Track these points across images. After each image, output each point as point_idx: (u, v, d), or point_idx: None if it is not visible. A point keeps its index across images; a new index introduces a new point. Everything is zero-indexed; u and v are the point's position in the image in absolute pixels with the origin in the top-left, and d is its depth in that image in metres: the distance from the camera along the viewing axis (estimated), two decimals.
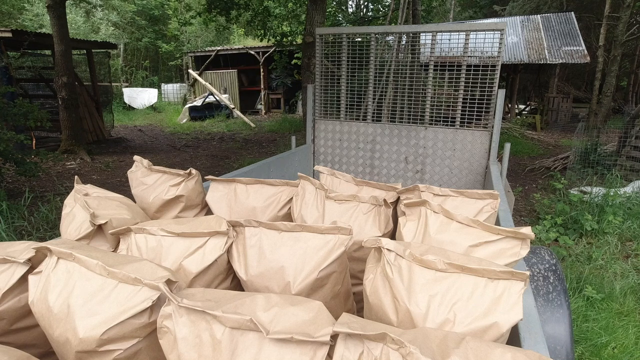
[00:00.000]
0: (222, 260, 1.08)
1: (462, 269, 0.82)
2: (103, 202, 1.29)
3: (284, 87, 16.48)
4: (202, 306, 0.72)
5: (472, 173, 3.02)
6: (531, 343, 0.85)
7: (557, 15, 13.89)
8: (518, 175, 7.29)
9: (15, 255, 0.95)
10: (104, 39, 19.02)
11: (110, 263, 0.85)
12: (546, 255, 1.92)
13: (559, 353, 1.59)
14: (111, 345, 0.78)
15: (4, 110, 4.92)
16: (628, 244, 4.07)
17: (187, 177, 1.55)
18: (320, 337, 0.66)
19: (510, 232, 1.03)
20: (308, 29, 6.16)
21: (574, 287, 3.18)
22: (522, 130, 11.69)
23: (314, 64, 4.60)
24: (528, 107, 16.75)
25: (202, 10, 9.44)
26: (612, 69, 10.49)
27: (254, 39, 15.23)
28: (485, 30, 2.82)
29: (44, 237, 3.87)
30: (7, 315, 0.92)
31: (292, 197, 1.55)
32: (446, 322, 0.78)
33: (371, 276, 0.93)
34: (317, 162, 3.60)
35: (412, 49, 3.50)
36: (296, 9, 11.29)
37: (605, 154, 7.06)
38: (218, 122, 13.63)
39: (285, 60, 12.88)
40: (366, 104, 3.40)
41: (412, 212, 1.23)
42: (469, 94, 2.99)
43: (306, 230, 1.04)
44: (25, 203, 4.45)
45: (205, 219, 1.14)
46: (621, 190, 5.21)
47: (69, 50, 7.35)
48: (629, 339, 2.64)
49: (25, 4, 18.87)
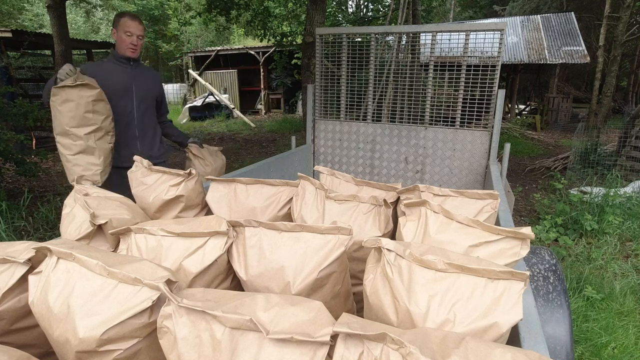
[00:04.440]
0: (222, 260, 1.08)
1: (462, 269, 0.82)
2: (103, 202, 1.29)
3: (284, 87, 16.47)
4: (202, 306, 0.72)
5: (472, 173, 3.02)
6: (531, 343, 0.85)
7: (557, 15, 13.90)
8: (518, 175, 7.29)
9: (15, 255, 0.95)
10: (104, 39, 19.02)
11: (110, 263, 0.85)
12: (546, 256, 1.92)
13: (559, 353, 1.59)
14: (111, 345, 0.78)
15: (4, 110, 4.91)
16: (628, 244, 4.07)
17: (187, 177, 1.55)
18: (320, 337, 0.66)
19: (510, 232, 1.03)
20: (308, 29, 6.16)
21: (574, 287, 3.18)
22: (522, 130, 11.70)
23: (314, 64, 4.60)
24: (528, 107, 16.75)
25: (202, 10, 9.44)
26: (612, 69, 10.49)
27: (254, 39, 15.22)
28: (485, 31, 2.82)
29: (44, 237, 3.87)
30: (7, 315, 0.92)
31: (292, 197, 1.55)
32: (446, 322, 0.78)
33: (371, 276, 0.93)
34: (317, 162, 3.60)
35: (412, 49, 3.50)
36: (296, 9, 11.29)
37: (605, 154, 7.06)
38: (218, 122, 13.62)
39: (285, 60, 12.89)
40: (366, 104, 3.40)
41: (412, 212, 1.23)
42: (469, 94, 2.99)
43: (306, 230, 1.04)
44: (25, 203, 4.45)
45: (205, 219, 1.14)
46: (621, 190, 5.21)
47: (69, 50, 7.34)
48: (629, 339, 2.64)
49: (25, 4, 18.87)
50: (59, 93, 1.93)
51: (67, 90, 1.93)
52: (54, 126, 1.99)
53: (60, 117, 1.95)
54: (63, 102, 1.94)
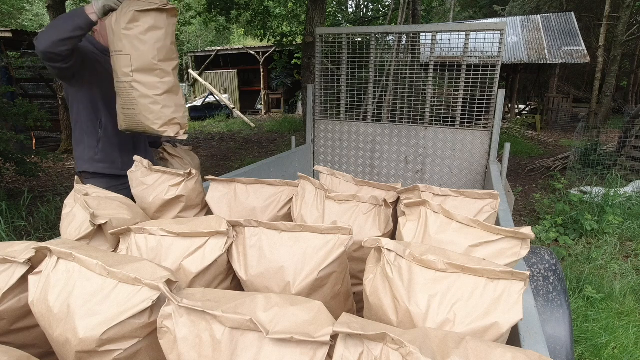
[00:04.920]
0: (222, 261, 1.08)
1: (462, 269, 0.82)
2: (103, 202, 1.29)
3: (284, 87, 16.48)
4: (202, 306, 0.72)
5: (472, 173, 3.02)
6: (531, 343, 0.85)
7: (557, 15, 13.90)
8: (518, 175, 7.29)
9: (15, 255, 0.95)
10: None
11: (110, 263, 0.85)
12: (546, 255, 1.92)
13: (559, 353, 1.59)
14: (111, 345, 0.78)
15: (4, 110, 4.92)
16: (628, 244, 4.07)
17: (187, 177, 1.55)
18: (320, 337, 0.66)
19: (510, 232, 1.03)
20: (308, 29, 6.16)
21: (574, 287, 3.18)
22: (522, 130, 11.70)
23: (314, 64, 4.60)
24: (528, 107, 16.75)
25: (202, 10, 9.44)
26: (612, 69, 10.50)
27: (254, 39, 15.23)
28: (485, 30, 2.82)
29: (44, 237, 3.87)
30: (7, 315, 0.92)
31: (292, 197, 1.55)
32: (446, 322, 0.78)
33: (371, 276, 0.93)
34: (317, 162, 3.60)
35: (412, 49, 3.50)
36: (296, 9, 11.29)
37: (605, 154, 7.06)
38: (218, 122, 13.63)
39: (285, 60, 12.88)
40: (366, 104, 3.40)
41: (412, 212, 1.23)
42: (469, 94, 2.99)
43: (306, 230, 1.04)
44: (25, 203, 4.45)
45: (205, 219, 1.14)
46: (621, 190, 5.21)
47: None
48: (629, 339, 2.64)
49: (25, 4, 18.87)
50: (142, 18, 1.59)
51: (154, 15, 1.61)
52: (128, 62, 1.62)
53: (145, 48, 1.61)
54: (148, 30, 1.60)
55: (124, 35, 1.60)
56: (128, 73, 1.64)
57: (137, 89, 1.65)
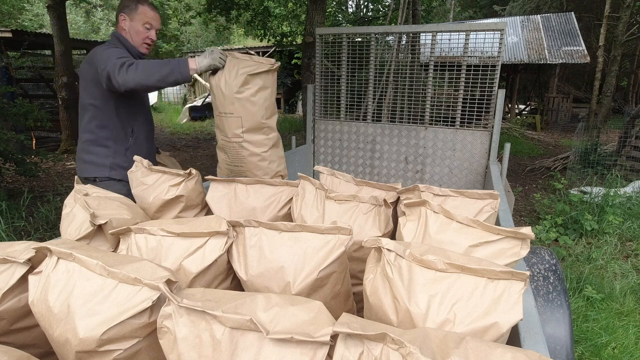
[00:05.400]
0: (222, 261, 1.08)
1: (462, 269, 0.82)
2: (103, 202, 1.29)
3: (284, 87, 16.47)
4: (202, 306, 0.72)
5: (472, 173, 3.02)
6: (531, 343, 0.85)
7: (557, 15, 13.90)
8: (518, 175, 7.29)
9: (15, 255, 0.95)
10: (104, 39, 19.01)
11: (110, 263, 0.85)
12: (546, 255, 1.92)
13: (559, 353, 1.59)
14: (111, 345, 0.78)
15: (4, 110, 4.92)
16: (628, 244, 4.07)
17: (187, 177, 1.55)
18: (320, 337, 0.66)
19: (510, 232, 1.03)
20: (308, 29, 6.16)
21: (574, 287, 3.18)
22: (522, 130, 11.70)
23: (314, 64, 4.60)
24: (528, 107, 16.75)
25: (202, 10, 9.44)
26: (612, 69, 10.50)
27: (254, 39, 15.22)
28: (485, 30, 2.82)
29: (44, 237, 3.87)
30: (7, 315, 0.92)
31: (292, 197, 1.55)
32: (446, 322, 0.78)
33: (371, 276, 0.93)
34: (317, 162, 3.60)
35: (412, 49, 3.50)
36: (296, 9, 11.28)
37: (605, 154, 7.06)
38: None
39: (285, 60, 12.88)
40: (366, 104, 3.40)
41: (412, 212, 1.22)
42: (469, 94, 2.99)
43: (306, 230, 1.04)
44: (25, 203, 4.45)
45: (205, 219, 1.14)
46: (621, 190, 5.21)
47: (69, 50, 7.35)
48: (629, 339, 2.64)
49: (25, 4, 18.87)
50: (253, 81, 1.58)
51: (264, 77, 1.62)
52: (239, 124, 1.61)
53: (254, 109, 1.61)
54: (258, 91, 1.61)
55: (236, 99, 1.60)
56: (239, 134, 1.66)
57: (247, 148, 1.67)
